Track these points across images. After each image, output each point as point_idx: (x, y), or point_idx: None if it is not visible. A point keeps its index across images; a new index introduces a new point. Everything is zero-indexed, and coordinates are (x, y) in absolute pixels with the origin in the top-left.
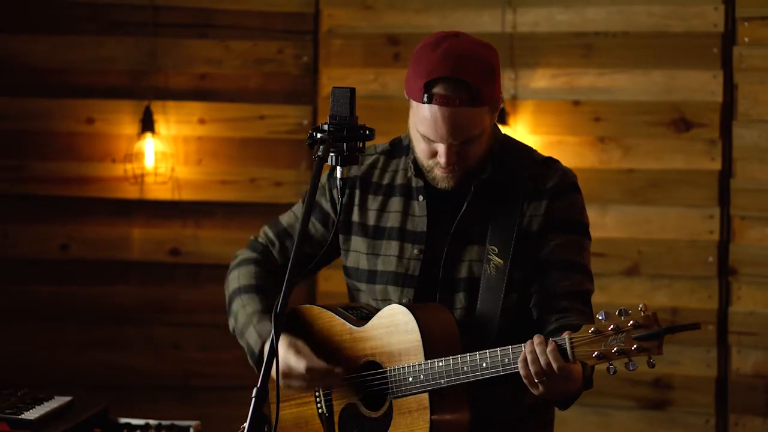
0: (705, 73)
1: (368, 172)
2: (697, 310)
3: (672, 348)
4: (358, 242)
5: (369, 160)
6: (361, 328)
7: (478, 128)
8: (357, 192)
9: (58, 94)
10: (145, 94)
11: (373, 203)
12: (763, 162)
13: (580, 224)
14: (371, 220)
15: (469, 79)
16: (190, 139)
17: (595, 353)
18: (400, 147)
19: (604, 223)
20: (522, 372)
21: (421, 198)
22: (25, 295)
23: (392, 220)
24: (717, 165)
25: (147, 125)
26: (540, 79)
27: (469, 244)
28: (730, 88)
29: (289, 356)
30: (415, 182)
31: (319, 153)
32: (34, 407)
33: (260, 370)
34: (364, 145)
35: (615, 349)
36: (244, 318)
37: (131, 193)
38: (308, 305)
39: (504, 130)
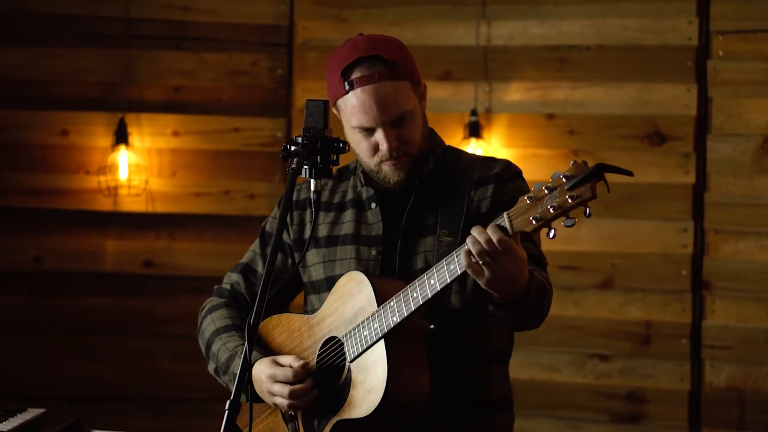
0: (679, 87)
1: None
2: (671, 323)
3: (645, 362)
4: (311, 255)
5: None
6: (316, 313)
7: (406, 104)
8: (308, 212)
9: (32, 106)
10: (120, 106)
11: (326, 218)
12: (736, 175)
13: None
14: (323, 232)
15: (382, 53)
16: (164, 152)
17: (532, 217)
18: (347, 171)
19: (578, 237)
20: (465, 262)
21: (373, 205)
22: None
23: (346, 228)
24: (691, 178)
25: (121, 137)
26: (514, 92)
27: (421, 236)
28: (704, 101)
29: (275, 370)
30: (366, 192)
31: (293, 166)
32: (8, 419)
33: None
34: (338, 157)
35: (550, 206)
36: (227, 353)
37: (105, 205)
38: (266, 319)
39: (478, 143)
